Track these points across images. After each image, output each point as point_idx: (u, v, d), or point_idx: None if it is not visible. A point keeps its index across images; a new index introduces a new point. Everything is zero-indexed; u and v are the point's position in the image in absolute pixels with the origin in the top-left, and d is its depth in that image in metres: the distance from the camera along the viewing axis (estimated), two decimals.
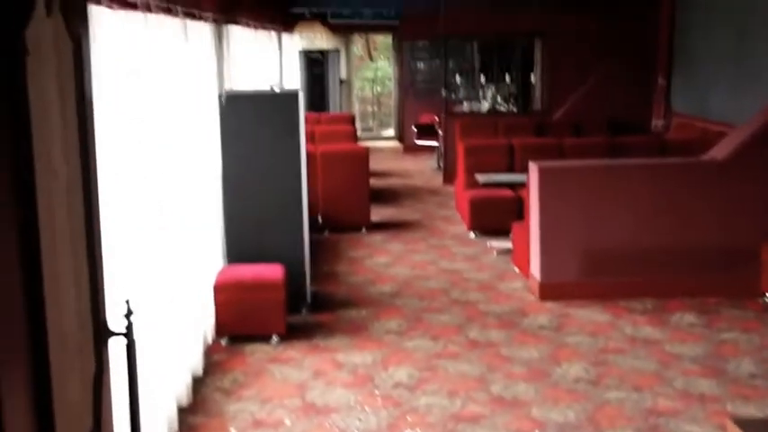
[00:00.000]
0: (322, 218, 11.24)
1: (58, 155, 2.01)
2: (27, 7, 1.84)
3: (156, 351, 5.44)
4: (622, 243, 8.26)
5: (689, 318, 7.69)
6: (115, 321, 2.60)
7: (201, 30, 7.09)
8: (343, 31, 20.30)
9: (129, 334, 2.51)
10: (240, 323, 7.21)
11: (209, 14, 7.09)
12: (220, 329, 7.21)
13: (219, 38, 7.90)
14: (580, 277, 8.26)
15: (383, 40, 25.42)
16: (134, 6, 4.66)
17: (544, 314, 7.86)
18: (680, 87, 14.04)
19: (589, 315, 7.80)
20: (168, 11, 5.55)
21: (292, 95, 7.89)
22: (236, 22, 8.81)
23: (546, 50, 16.95)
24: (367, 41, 26.48)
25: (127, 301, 2.51)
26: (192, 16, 6.38)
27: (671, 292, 8.19)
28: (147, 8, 4.97)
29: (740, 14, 11.80)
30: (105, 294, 2.47)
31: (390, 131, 22.83)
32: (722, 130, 11.60)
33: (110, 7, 4.29)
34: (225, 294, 7.15)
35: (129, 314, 2.51)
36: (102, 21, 4.38)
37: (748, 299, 8.08)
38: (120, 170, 4.85)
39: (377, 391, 6.21)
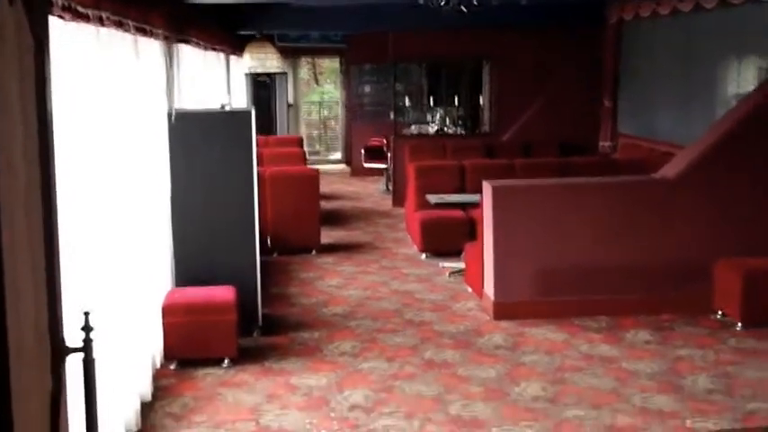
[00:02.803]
0: (271, 240, 11.10)
1: (18, 153, 1.89)
2: None
3: (102, 375, 5.27)
4: (576, 262, 8.26)
5: (644, 335, 7.69)
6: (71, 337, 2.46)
7: (152, 47, 6.96)
8: (291, 54, 20.22)
9: (87, 350, 2.37)
10: (190, 346, 7.03)
11: (160, 32, 6.96)
12: (169, 353, 7.03)
13: (170, 56, 7.77)
14: (534, 296, 8.23)
15: (329, 65, 25.38)
16: (86, 18, 4.52)
17: (499, 333, 7.81)
18: (626, 109, 14.19)
19: (544, 334, 7.76)
20: (120, 24, 5.42)
21: (245, 114, 7.78)
22: (186, 42, 8.68)
23: (494, 73, 17.01)
24: (314, 65, 26.42)
25: (85, 314, 2.37)
26: (143, 32, 6.25)
27: (625, 310, 8.20)
28: (100, 21, 4.84)
29: (682, 37, 11.98)
30: (62, 308, 2.34)
31: (338, 155, 22.75)
32: (669, 150, 11.74)
33: (61, 18, 4.15)
34: (173, 317, 6.97)
35: (87, 329, 2.37)
36: (53, 31, 4.25)
37: (702, 315, 8.12)
38: (67, 187, 4.70)
39: (332, 414, 6.09)
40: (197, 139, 7.55)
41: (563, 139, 14.30)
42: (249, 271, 7.76)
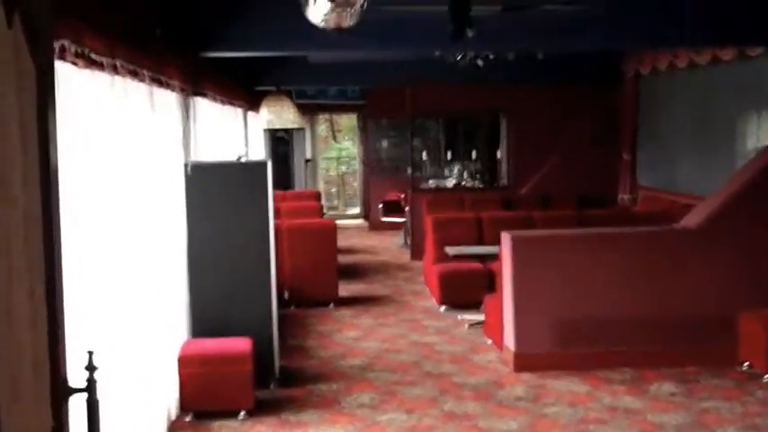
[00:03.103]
0: (288, 293, 11.01)
1: (17, 181, 1.83)
2: None
3: (116, 425, 5.17)
4: (598, 313, 8.12)
5: (668, 387, 7.51)
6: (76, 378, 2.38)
7: (168, 99, 6.96)
8: (308, 110, 20.29)
9: (91, 391, 2.28)
10: (206, 398, 6.91)
11: (176, 83, 6.97)
12: (185, 404, 6.91)
13: (186, 109, 7.78)
14: (555, 348, 8.08)
15: (347, 122, 25.49)
16: (100, 66, 4.51)
17: (520, 385, 7.65)
18: (645, 161, 14.13)
19: (566, 386, 7.60)
20: (135, 74, 5.41)
21: (261, 165, 7.76)
22: (203, 95, 8.70)
23: (511, 126, 17.05)
24: (331, 122, 26.54)
25: (89, 354, 2.29)
26: (159, 82, 6.25)
27: (648, 362, 8.03)
28: (114, 69, 4.83)
29: (701, 90, 11.94)
30: (66, 344, 2.26)
31: (356, 210, 22.74)
32: (690, 202, 11.63)
33: (74, 64, 4.14)
34: (189, 368, 6.87)
35: (91, 368, 2.28)
36: (67, 79, 4.24)
37: (727, 367, 7.93)
38: (82, 239, 4.65)
39: None
40: (213, 191, 7.52)
41: (581, 192, 14.20)
42: (266, 322, 7.68)
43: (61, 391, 2.23)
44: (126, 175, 5.65)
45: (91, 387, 2.27)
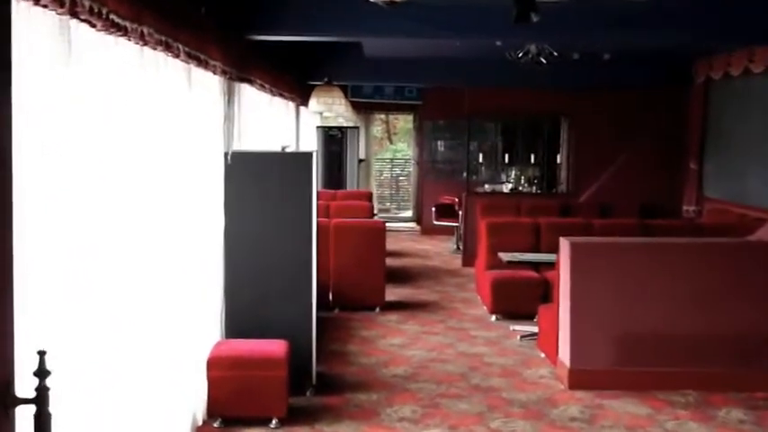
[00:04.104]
0: (333, 295, 10.55)
1: None
2: None
3: (135, 430, 4.75)
4: (660, 329, 7.51)
5: (737, 413, 6.88)
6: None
7: (208, 81, 6.53)
8: (364, 109, 19.89)
9: (41, 402, 1.80)
10: (236, 403, 6.45)
11: (218, 64, 6.53)
12: (213, 409, 6.45)
13: (229, 94, 7.35)
14: (613, 365, 7.49)
15: (403, 125, 25.04)
16: (123, 31, 4.06)
17: (575, 404, 7.07)
18: (713, 172, 13.43)
19: (625, 407, 7.00)
20: (167, 47, 4.96)
21: (305, 156, 7.30)
22: (248, 81, 8.27)
23: (572, 131, 16.47)
24: (387, 123, 26.12)
25: (40, 355, 1.80)
26: (197, 60, 5.81)
27: (714, 385, 7.39)
28: (141, 37, 4.38)
29: None
30: (13, 347, 1.78)
31: (408, 213, 22.26)
32: (762, 216, 10.96)
33: (91, 25, 3.69)
34: (220, 370, 6.42)
35: (42, 374, 1.79)
36: (84, 41, 3.81)
37: None
38: (104, 230, 4.26)
39: None
40: (254, 182, 7.09)
41: (643, 201, 13.55)
42: (304, 325, 7.22)
43: (6, 402, 1.75)
44: (157, 159, 5.23)
45: (41, 397, 1.78)
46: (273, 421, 6.45)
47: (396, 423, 6.61)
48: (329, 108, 11.52)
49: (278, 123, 11.64)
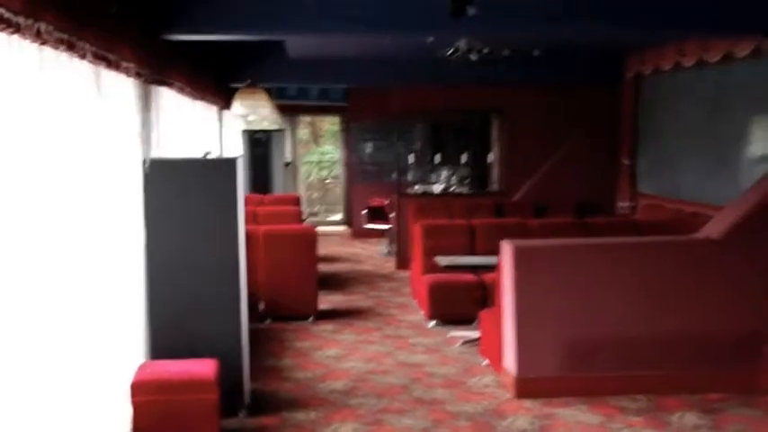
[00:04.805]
0: (264, 305, 10.08)
1: None
2: None
3: None
4: (610, 332, 7.21)
5: (691, 418, 6.60)
6: None
7: (121, 84, 6.02)
8: (289, 111, 19.39)
9: None
10: (164, 430, 5.95)
11: (131, 66, 6.03)
12: None
13: (146, 98, 6.85)
14: (562, 371, 7.18)
15: (329, 127, 24.58)
16: (16, 28, 3.57)
17: (523, 415, 6.73)
18: (646, 167, 13.30)
19: (576, 416, 6.68)
20: (71, 47, 4.46)
21: (229, 162, 6.81)
22: (166, 84, 7.76)
23: (504, 129, 16.23)
24: (313, 126, 25.61)
25: None
26: (107, 62, 5.31)
27: (667, 388, 7.12)
28: (38, 35, 3.88)
29: (710, 90, 11.13)
30: None
31: (338, 216, 21.82)
32: (697, 210, 10.82)
33: None
34: (144, 395, 5.92)
35: None
36: None
37: (756, 394, 7.05)
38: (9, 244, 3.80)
39: None
40: (176, 191, 6.60)
41: (578, 199, 13.37)
42: (234, 342, 6.75)
43: None
44: (66, 166, 4.74)
45: None
46: None
47: None
48: (253, 110, 11.03)
49: (200, 128, 11.11)
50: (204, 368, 6.18)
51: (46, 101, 4.33)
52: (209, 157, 7.10)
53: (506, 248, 7.35)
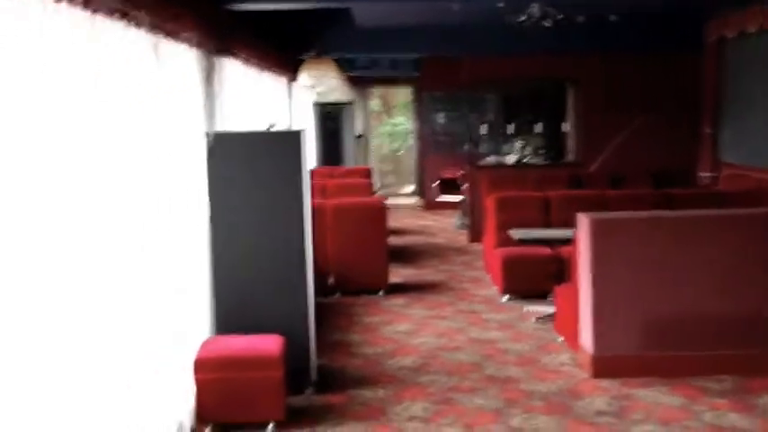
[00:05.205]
0: (334, 278, 9.94)
1: None
2: None
3: None
4: (693, 309, 6.86)
5: None
6: None
7: (182, 55, 5.86)
8: (360, 83, 19.21)
9: None
10: (228, 408, 5.84)
11: (192, 35, 5.87)
12: (203, 415, 5.84)
13: (209, 70, 6.69)
14: (642, 350, 6.86)
15: (401, 99, 24.31)
16: None
17: (601, 396, 6.45)
18: (730, 136, 12.74)
19: (656, 397, 6.38)
20: (124, 15, 4.29)
21: (294, 135, 6.64)
22: (232, 55, 7.60)
23: (579, 98, 15.77)
24: (385, 97, 25.39)
25: None
26: (165, 32, 5.14)
27: (753, 369, 6.75)
28: (87, 3, 3.72)
29: None
30: None
31: (410, 188, 21.61)
32: None
33: None
34: (209, 372, 5.81)
35: None
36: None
37: None
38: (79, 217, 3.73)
39: None
40: (240, 165, 6.44)
41: (657, 169, 12.88)
42: (301, 317, 6.59)
43: None
44: (126, 143, 4.61)
45: None
46: (270, 425, 5.88)
47: (405, 423, 6.00)
48: (320, 81, 10.85)
49: (269, 101, 10.98)
50: (269, 344, 6.04)
51: (101, 72, 4.17)
52: (273, 129, 6.93)
53: (583, 221, 7.04)
